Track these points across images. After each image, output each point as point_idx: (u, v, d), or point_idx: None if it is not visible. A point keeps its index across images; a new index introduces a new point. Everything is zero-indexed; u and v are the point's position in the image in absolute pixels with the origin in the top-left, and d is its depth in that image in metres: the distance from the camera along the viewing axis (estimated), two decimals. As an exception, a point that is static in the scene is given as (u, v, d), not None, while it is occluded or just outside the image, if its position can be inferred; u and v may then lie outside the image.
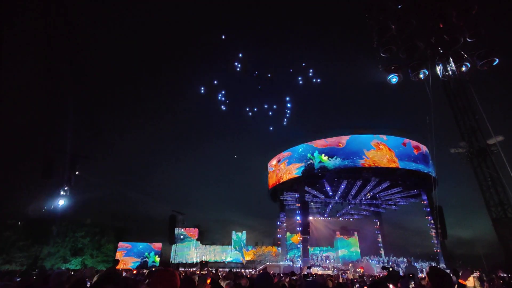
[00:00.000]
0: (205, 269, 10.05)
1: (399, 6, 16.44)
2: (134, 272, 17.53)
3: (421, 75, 15.72)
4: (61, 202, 24.54)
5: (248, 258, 40.54)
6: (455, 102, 13.43)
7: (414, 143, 30.30)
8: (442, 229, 27.38)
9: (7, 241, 28.66)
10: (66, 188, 24.21)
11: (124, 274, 14.92)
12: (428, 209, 30.65)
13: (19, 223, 29.97)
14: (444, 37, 14.68)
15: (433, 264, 28.93)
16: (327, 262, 35.15)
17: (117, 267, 11.90)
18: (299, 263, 30.49)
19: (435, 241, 29.57)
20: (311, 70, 28.35)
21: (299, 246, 37.02)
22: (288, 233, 40.41)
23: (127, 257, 36.64)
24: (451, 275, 8.43)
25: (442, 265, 27.37)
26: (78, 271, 14.90)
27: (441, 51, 14.99)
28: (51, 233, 30.11)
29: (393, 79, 16.83)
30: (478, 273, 15.14)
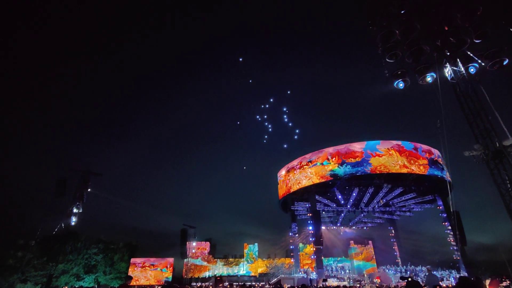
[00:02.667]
0: (220, 285, 9.67)
1: (402, 11, 16.43)
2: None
3: (429, 79, 15.52)
4: (74, 219, 24.85)
5: (260, 270, 39.78)
6: (466, 104, 13.14)
7: (425, 147, 29.70)
8: (460, 235, 26.43)
9: (21, 260, 28.94)
10: (79, 205, 24.56)
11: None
12: (445, 215, 29.77)
13: (33, 242, 30.27)
14: (450, 39, 14.54)
15: (454, 272, 27.83)
16: (342, 273, 34.22)
17: (131, 283, 11.83)
18: (313, 275, 29.78)
19: (454, 248, 28.51)
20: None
21: (312, 257, 36.24)
22: (301, 244, 39.65)
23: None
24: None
25: (464, 273, 26.28)
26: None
27: (448, 53, 14.82)
28: (65, 251, 30.30)
29: (400, 84, 16.66)
30: (508, 282, 14.27)
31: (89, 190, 26.45)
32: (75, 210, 24.66)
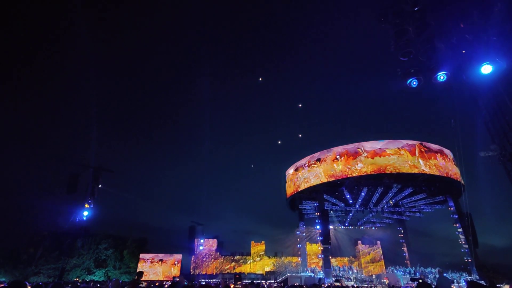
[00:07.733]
0: (239, 282, 9.42)
1: (416, 8, 16.07)
2: (157, 284, 17.61)
3: (443, 77, 15.17)
4: (85, 214, 25.36)
5: (267, 268, 39.89)
6: (482, 103, 12.82)
7: (437, 147, 29.18)
8: (472, 237, 25.92)
9: (34, 255, 29.75)
10: (90, 201, 25.05)
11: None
12: (456, 216, 29.21)
13: (43, 236, 31.00)
14: (466, 37, 14.16)
15: (465, 275, 27.35)
16: (350, 273, 34.01)
17: (141, 278, 11.94)
18: (321, 274, 29.69)
19: (465, 250, 27.98)
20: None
21: (320, 256, 36.13)
22: (308, 243, 39.56)
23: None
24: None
25: (475, 276, 25.79)
26: (103, 284, 15.15)
27: (464, 52, 14.46)
28: (77, 245, 30.98)
29: (413, 82, 16.29)
30: None
31: (100, 186, 26.95)
32: (86, 206, 25.16)
